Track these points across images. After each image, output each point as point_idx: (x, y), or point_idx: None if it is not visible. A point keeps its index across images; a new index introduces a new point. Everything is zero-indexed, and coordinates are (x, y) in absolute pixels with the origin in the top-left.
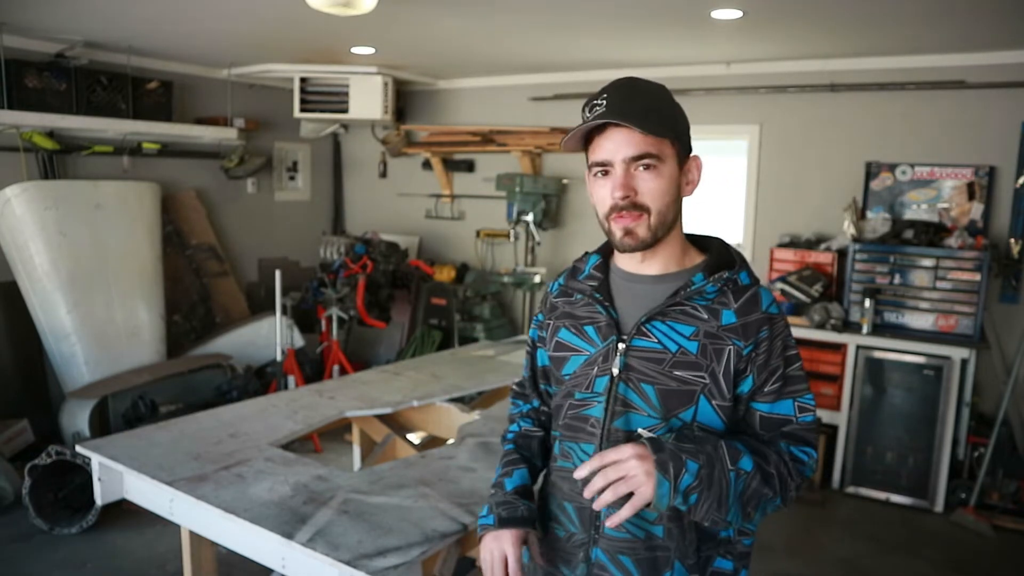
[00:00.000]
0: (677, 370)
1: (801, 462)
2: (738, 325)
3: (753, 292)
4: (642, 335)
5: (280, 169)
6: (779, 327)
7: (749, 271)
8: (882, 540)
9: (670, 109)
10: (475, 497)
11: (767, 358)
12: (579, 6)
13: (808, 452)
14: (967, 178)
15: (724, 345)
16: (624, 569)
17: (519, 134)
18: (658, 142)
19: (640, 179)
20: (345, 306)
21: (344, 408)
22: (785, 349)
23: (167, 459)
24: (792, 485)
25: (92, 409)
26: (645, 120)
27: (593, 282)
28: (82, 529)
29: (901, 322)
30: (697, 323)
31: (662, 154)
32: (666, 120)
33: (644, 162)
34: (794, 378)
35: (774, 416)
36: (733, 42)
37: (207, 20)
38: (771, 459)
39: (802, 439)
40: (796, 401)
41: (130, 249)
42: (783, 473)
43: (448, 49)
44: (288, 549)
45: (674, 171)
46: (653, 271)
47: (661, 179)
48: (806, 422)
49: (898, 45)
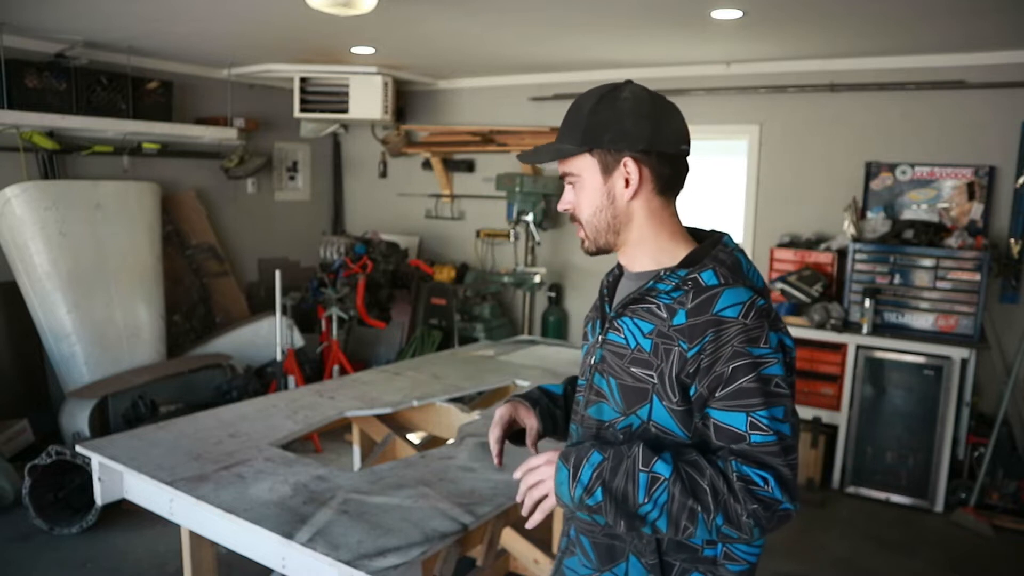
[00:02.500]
0: (633, 367)
1: (753, 483)
2: (686, 326)
3: (712, 294)
4: (614, 329)
5: (280, 169)
6: (730, 332)
7: (720, 271)
8: (882, 540)
9: (588, 116)
10: (475, 497)
11: (712, 362)
12: (579, 6)
13: (765, 476)
14: (967, 178)
15: (671, 345)
16: (584, 550)
17: (519, 134)
18: (571, 160)
19: (569, 194)
20: (345, 306)
21: (344, 408)
22: (736, 356)
23: (167, 459)
24: (739, 509)
25: (92, 409)
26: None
27: (611, 277)
28: (82, 529)
29: (901, 322)
30: (655, 321)
31: (577, 169)
32: (577, 131)
33: (567, 180)
34: (747, 390)
35: (724, 427)
36: (733, 42)
37: (207, 20)
38: (705, 471)
39: (758, 461)
40: (749, 416)
41: (130, 249)
42: (720, 490)
43: (448, 49)
44: (288, 549)
45: (596, 181)
46: (635, 268)
47: (583, 191)
48: (758, 442)
49: (898, 45)
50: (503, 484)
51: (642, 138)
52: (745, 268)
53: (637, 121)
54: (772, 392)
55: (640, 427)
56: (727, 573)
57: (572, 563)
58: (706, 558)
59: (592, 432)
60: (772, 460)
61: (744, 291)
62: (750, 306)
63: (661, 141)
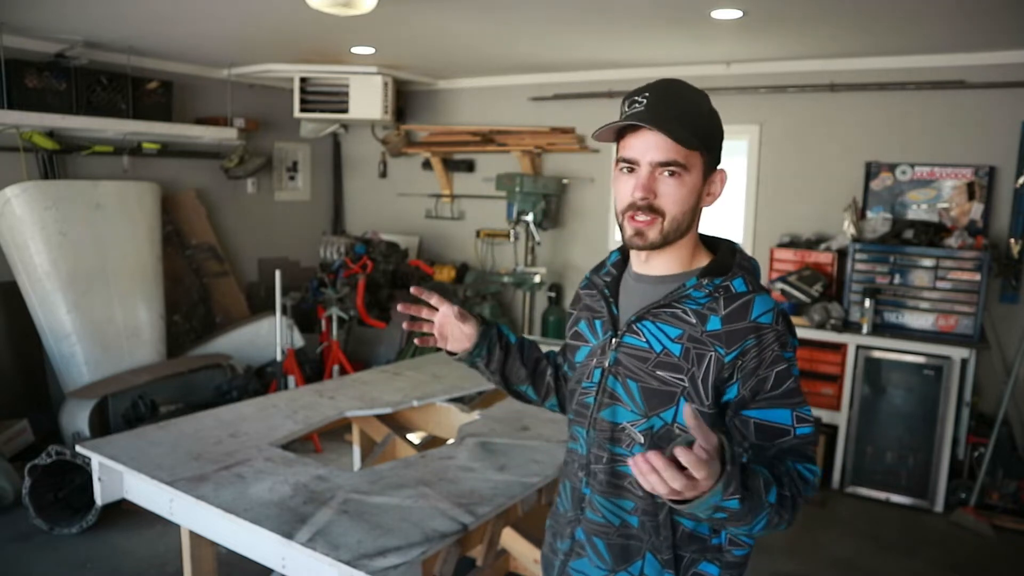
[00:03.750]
0: (660, 370)
1: (806, 481)
2: (722, 332)
3: (745, 300)
4: (632, 333)
5: (280, 169)
6: (769, 338)
7: (747, 278)
8: (882, 540)
9: (707, 119)
10: (475, 497)
11: (756, 366)
12: (579, 6)
13: (812, 470)
14: (967, 178)
15: (706, 351)
16: (597, 551)
17: (519, 134)
18: (687, 151)
19: (663, 183)
20: (345, 306)
21: (344, 408)
22: (777, 362)
23: (167, 459)
24: (799, 503)
25: (92, 409)
26: (678, 128)
27: (608, 277)
28: (82, 529)
29: (901, 322)
30: (684, 326)
31: (688, 163)
32: (700, 130)
33: (670, 168)
34: (791, 390)
35: (769, 424)
36: (733, 42)
37: (207, 20)
38: (784, 482)
39: (804, 455)
40: (795, 411)
41: (130, 249)
42: (795, 495)
43: (448, 49)
44: (288, 549)
45: (698, 182)
46: (656, 272)
47: (683, 187)
48: (804, 434)
49: (898, 45)
50: (503, 484)
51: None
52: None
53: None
54: (802, 390)
55: (662, 428)
56: (732, 558)
57: (580, 565)
58: (713, 546)
59: (607, 435)
60: (810, 450)
61: (769, 298)
62: (779, 312)
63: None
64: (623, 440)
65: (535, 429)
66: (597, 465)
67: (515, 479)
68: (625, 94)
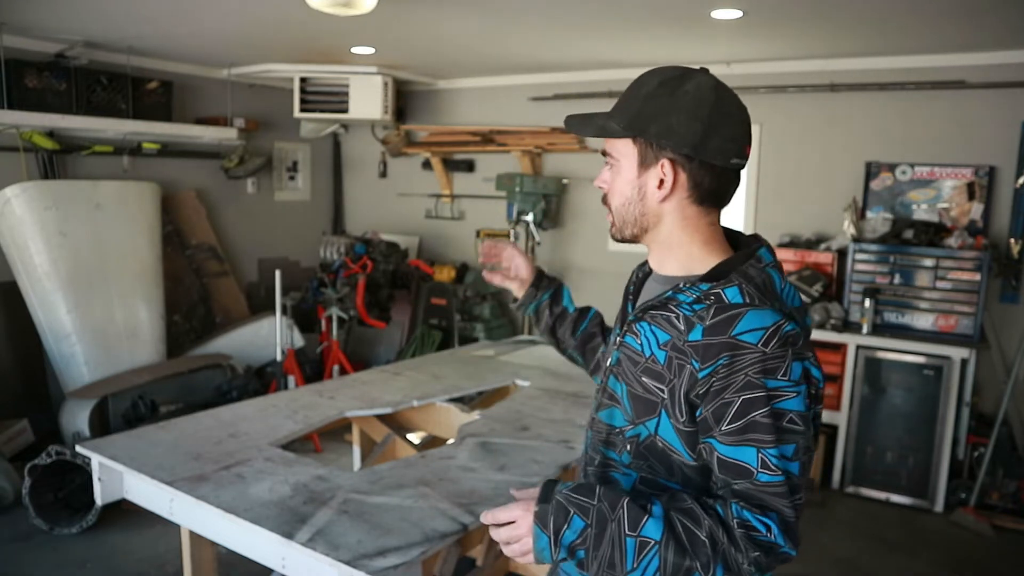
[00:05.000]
0: (645, 376)
1: (754, 529)
2: (700, 344)
3: (733, 313)
4: (632, 333)
5: (280, 169)
6: (747, 359)
7: (746, 289)
8: (882, 540)
9: (648, 103)
10: (475, 497)
11: (722, 388)
12: (579, 6)
13: (767, 522)
14: (967, 178)
15: (684, 362)
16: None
17: (519, 134)
18: (614, 141)
19: (606, 173)
20: (345, 306)
21: (344, 408)
22: (750, 387)
23: (167, 459)
24: (741, 558)
25: (92, 409)
26: (605, 120)
27: (640, 273)
28: (82, 529)
29: (901, 322)
30: (672, 332)
31: (617, 153)
32: (633, 118)
33: (606, 158)
34: (760, 425)
35: (731, 462)
36: (733, 42)
37: (207, 20)
38: (704, 524)
39: (761, 503)
40: (760, 452)
41: (130, 249)
42: (720, 541)
43: (448, 49)
44: (288, 549)
45: (631, 172)
46: (663, 271)
47: (618, 177)
48: (765, 481)
49: (898, 45)
50: (503, 484)
51: (688, 142)
52: (779, 286)
53: (689, 121)
54: (784, 428)
55: (648, 438)
56: None
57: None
58: None
59: (602, 437)
60: (776, 502)
61: (770, 314)
62: (774, 332)
63: (708, 151)
64: (617, 444)
65: (535, 429)
66: (591, 467)
67: (515, 479)
68: None
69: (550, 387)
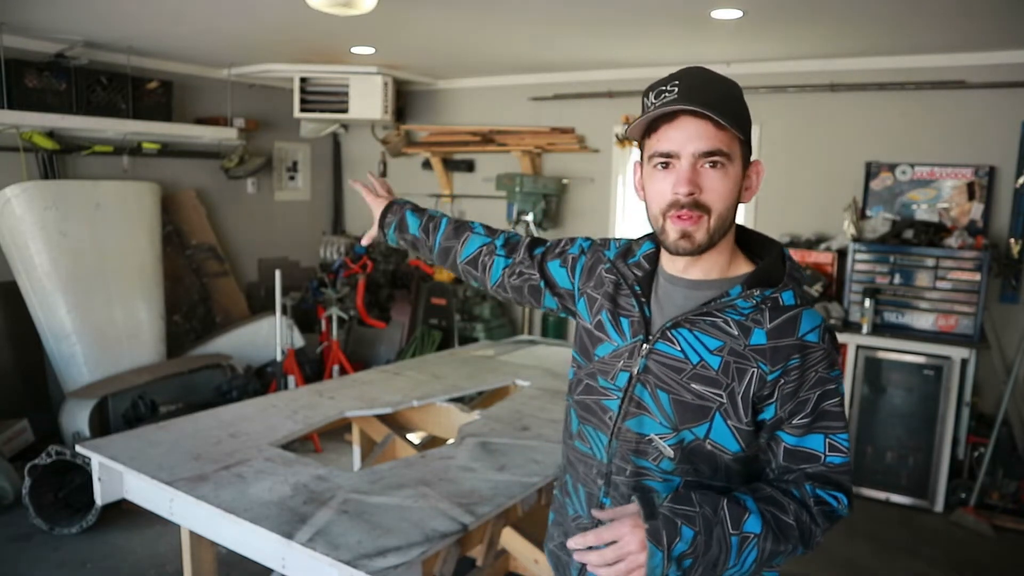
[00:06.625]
0: (695, 383)
1: (829, 506)
2: (767, 347)
3: (793, 315)
4: (667, 340)
5: (280, 169)
6: (815, 357)
7: (797, 291)
8: (882, 540)
9: (742, 107)
10: (475, 497)
11: (796, 388)
12: (579, 6)
13: (838, 497)
14: (967, 178)
15: (748, 366)
16: None
17: (519, 134)
18: (730, 139)
19: (706, 177)
20: (345, 306)
21: (344, 408)
22: (821, 383)
23: (167, 459)
24: (817, 532)
25: (92, 409)
26: (721, 112)
27: (639, 271)
28: (82, 529)
29: (901, 322)
30: (724, 338)
31: (732, 153)
32: (739, 117)
33: (713, 159)
34: (829, 413)
35: (800, 450)
36: (733, 42)
37: (207, 20)
38: (789, 509)
39: (830, 481)
40: (828, 438)
41: (130, 249)
42: (804, 522)
43: (448, 49)
44: (288, 549)
45: (739, 173)
46: (693, 276)
47: (727, 179)
48: (834, 463)
49: (898, 45)
50: (503, 484)
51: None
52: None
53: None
54: (844, 414)
55: (693, 442)
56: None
57: None
58: None
59: (632, 447)
60: (844, 479)
61: (816, 313)
62: (825, 329)
63: None
64: (649, 453)
65: (535, 429)
66: (619, 476)
67: (515, 479)
68: (648, 86)
69: (550, 387)
